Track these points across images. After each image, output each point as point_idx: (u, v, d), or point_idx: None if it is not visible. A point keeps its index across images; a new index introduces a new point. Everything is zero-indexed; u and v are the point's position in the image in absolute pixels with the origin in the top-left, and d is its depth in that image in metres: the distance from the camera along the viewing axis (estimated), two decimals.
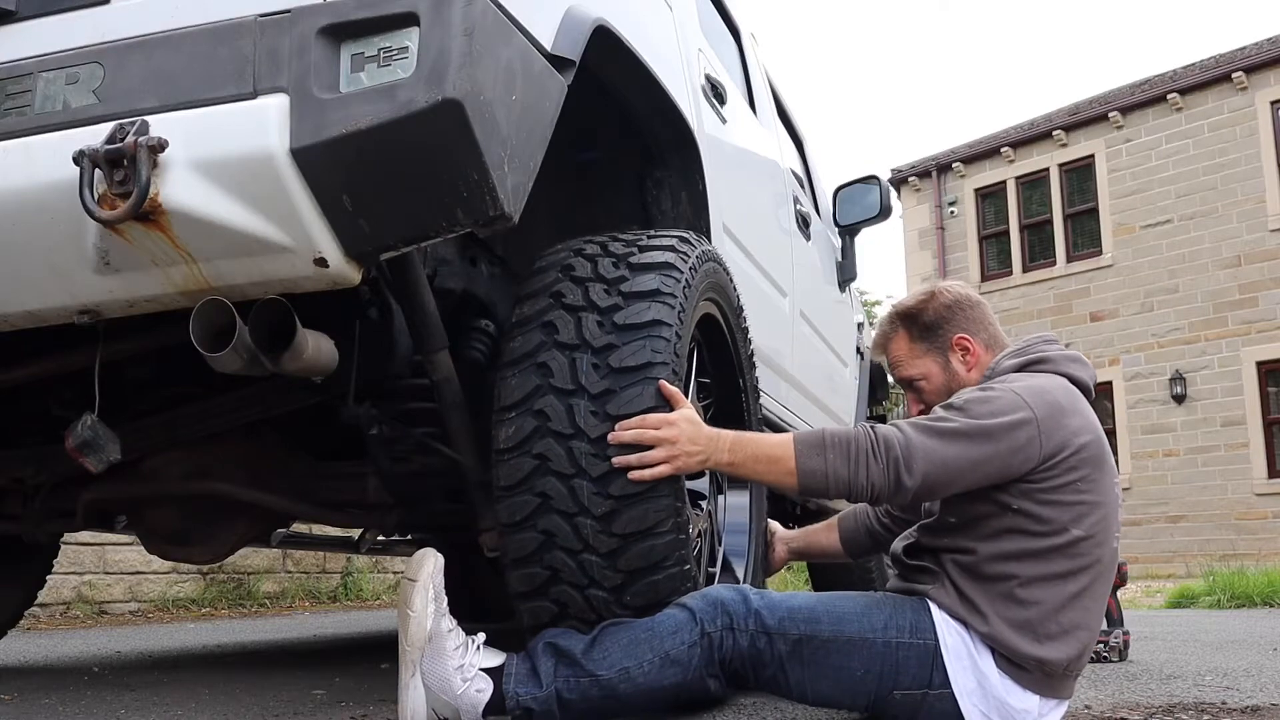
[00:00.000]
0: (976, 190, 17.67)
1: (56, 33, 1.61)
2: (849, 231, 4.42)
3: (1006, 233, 17.25)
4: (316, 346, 1.72)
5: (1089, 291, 16.11)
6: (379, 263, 1.65)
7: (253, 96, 1.47)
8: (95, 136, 1.47)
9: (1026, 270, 16.93)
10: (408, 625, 1.67)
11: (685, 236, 1.99)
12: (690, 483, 1.94)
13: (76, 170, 1.45)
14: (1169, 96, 15.43)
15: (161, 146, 1.44)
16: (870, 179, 4.38)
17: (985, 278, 17.20)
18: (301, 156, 1.44)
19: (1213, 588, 8.75)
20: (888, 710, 1.78)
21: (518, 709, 1.68)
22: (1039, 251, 16.95)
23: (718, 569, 2.21)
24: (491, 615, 3.04)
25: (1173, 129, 15.49)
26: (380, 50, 1.47)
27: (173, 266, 1.54)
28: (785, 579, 11.05)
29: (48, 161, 1.50)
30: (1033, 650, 1.75)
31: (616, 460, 1.67)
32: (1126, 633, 3.57)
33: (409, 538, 3.30)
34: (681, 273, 1.86)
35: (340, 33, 1.48)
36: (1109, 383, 15.54)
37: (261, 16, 1.51)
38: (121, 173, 1.44)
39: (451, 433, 1.99)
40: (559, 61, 1.70)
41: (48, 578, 3.19)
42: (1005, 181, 17.27)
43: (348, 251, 1.51)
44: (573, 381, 1.71)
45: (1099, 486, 1.81)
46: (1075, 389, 1.88)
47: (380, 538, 3.03)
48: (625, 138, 2.36)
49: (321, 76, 1.46)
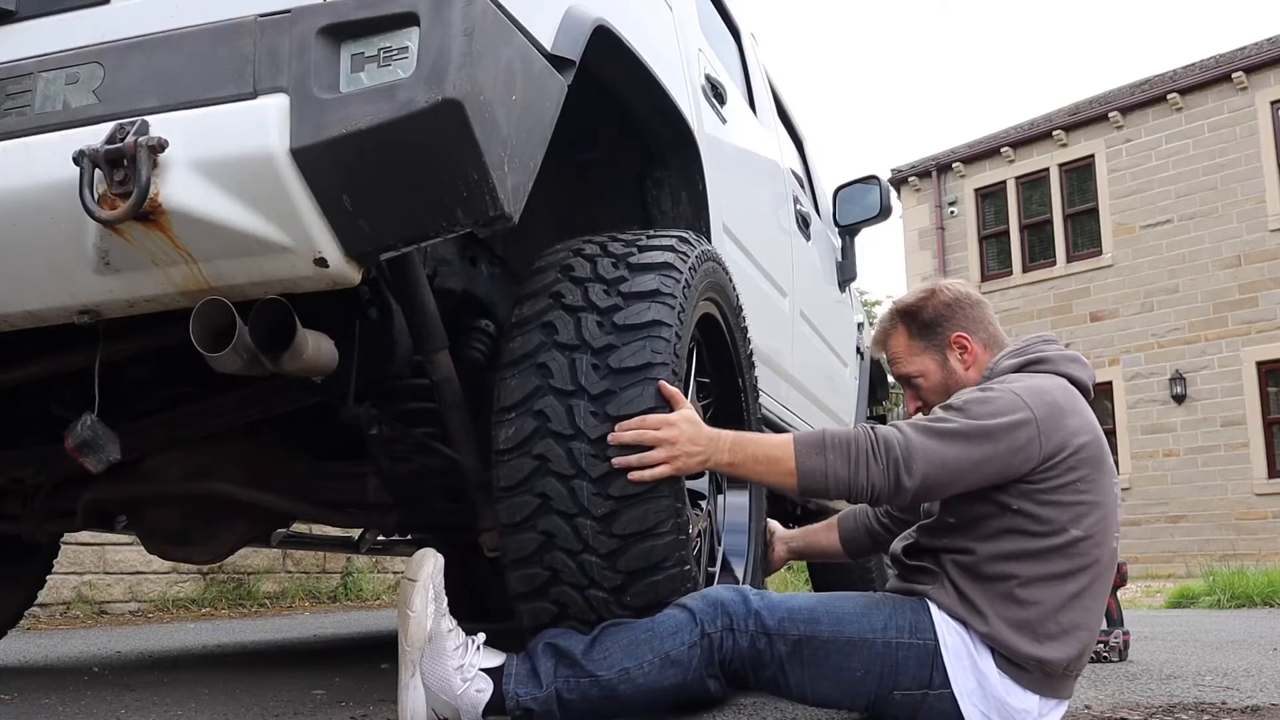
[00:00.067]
0: (976, 190, 17.67)
1: (56, 33, 1.61)
2: (849, 231, 4.42)
3: (1006, 233, 17.25)
4: (316, 346, 1.72)
5: (1089, 291, 16.11)
6: (379, 263, 1.65)
7: (253, 96, 1.47)
8: (95, 136, 1.47)
9: (1026, 270, 16.93)
10: (407, 625, 1.67)
11: (685, 236, 1.99)
12: (690, 483, 1.94)
13: (76, 170, 1.45)
14: (1169, 96, 15.43)
15: (161, 146, 1.44)
16: (870, 179, 4.38)
17: (985, 278, 17.19)
18: (301, 156, 1.44)
19: (1213, 588, 8.75)
20: (888, 710, 1.78)
21: (518, 709, 1.68)
22: (1039, 251, 16.95)
23: (717, 569, 2.21)
24: (491, 615, 3.03)
25: (1173, 129, 15.49)
26: (380, 50, 1.47)
27: (173, 266, 1.54)
28: (785, 579, 11.05)
29: (48, 161, 1.50)
30: (1032, 650, 1.75)
31: (616, 461, 1.67)
32: (1126, 633, 3.57)
33: (409, 538, 3.30)
34: (681, 273, 1.86)
35: (340, 33, 1.48)
36: (1109, 383, 15.54)
37: (261, 16, 1.51)
38: (121, 173, 1.44)
39: (451, 433, 1.99)
40: (559, 61, 1.70)
41: (48, 578, 3.19)
42: (1005, 181, 17.26)
43: (348, 251, 1.51)
44: (572, 382, 1.71)
45: (1098, 486, 1.81)
46: (1074, 389, 1.88)
47: (380, 538, 3.03)
48: (625, 138, 2.36)
49: (321, 76, 1.46)
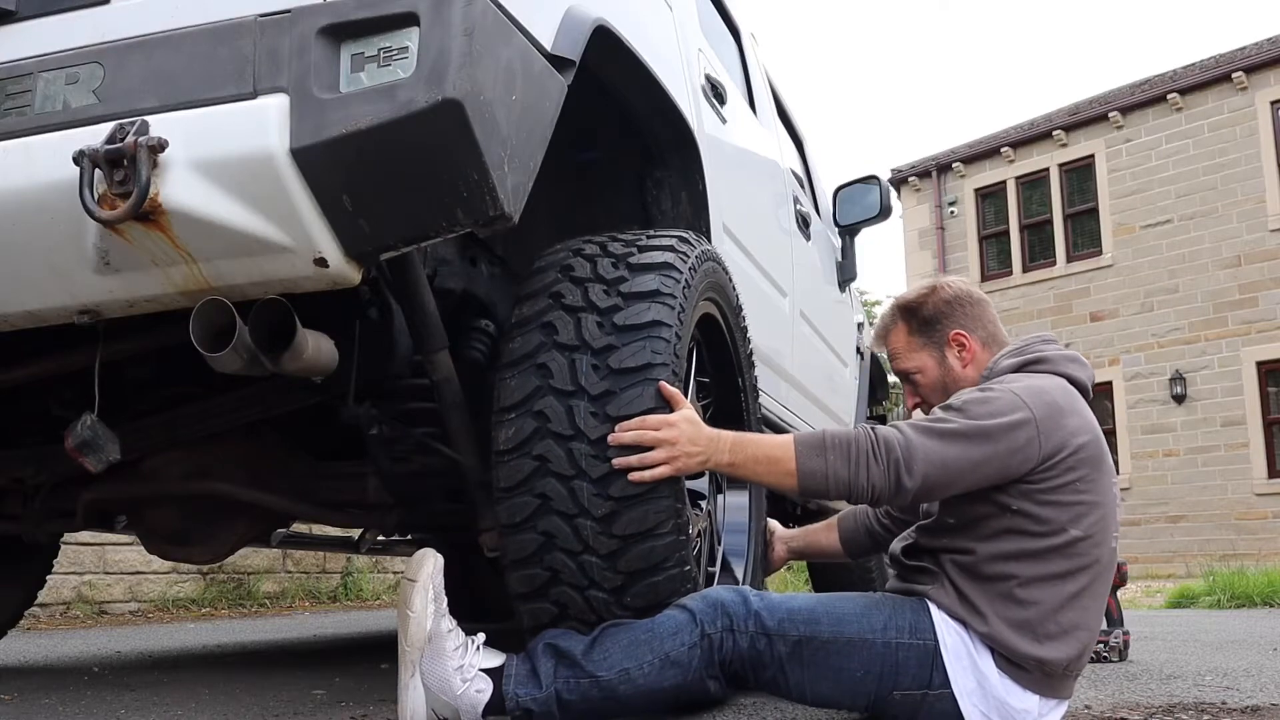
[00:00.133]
0: (976, 190, 17.67)
1: (56, 33, 1.61)
2: (849, 231, 4.42)
3: (1006, 233, 17.25)
4: (316, 346, 1.71)
5: (1089, 291, 16.11)
6: (379, 263, 1.64)
7: (253, 96, 1.47)
8: (95, 136, 1.47)
9: (1026, 270, 16.92)
10: (407, 626, 1.67)
11: (685, 236, 1.99)
12: (690, 483, 1.94)
13: (76, 170, 1.45)
14: (1169, 96, 15.43)
15: (161, 146, 1.44)
16: (870, 179, 4.38)
17: (985, 278, 17.19)
18: (301, 156, 1.44)
19: (1213, 588, 8.75)
20: (888, 710, 1.78)
21: (517, 709, 1.68)
22: (1039, 251, 16.95)
23: (717, 568, 2.21)
24: (491, 615, 3.03)
25: (1173, 129, 15.49)
26: (380, 50, 1.47)
27: (173, 266, 1.54)
28: (785, 579, 11.05)
29: (48, 161, 1.50)
30: (1032, 650, 1.75)
31: (616, 461, 1.67)
32: (1126, 633, 3.56)
33: (409, 538, 3.30)
34: (681, 273, 1.86)
35: (340, 33, 1.48)
36: (1109, 383, 15.54)
37: (261, 16, 1.51)
38: (121, 173, 1.44)
39: (451, 433, 1.99)
40: (559, 61, 1.70)
41: (48, 578, 3.19)
42: (1005, 181, 17.26)
43: (348, 251, 1.51)
44: (572, 383, 1.71)
45: (1097, 486, 1.81)
46: (1073, 389, 1.88)
47: (380, 538, 3.03)
48: (625, 138, 2.36)
49: (321, 76, 1.46)
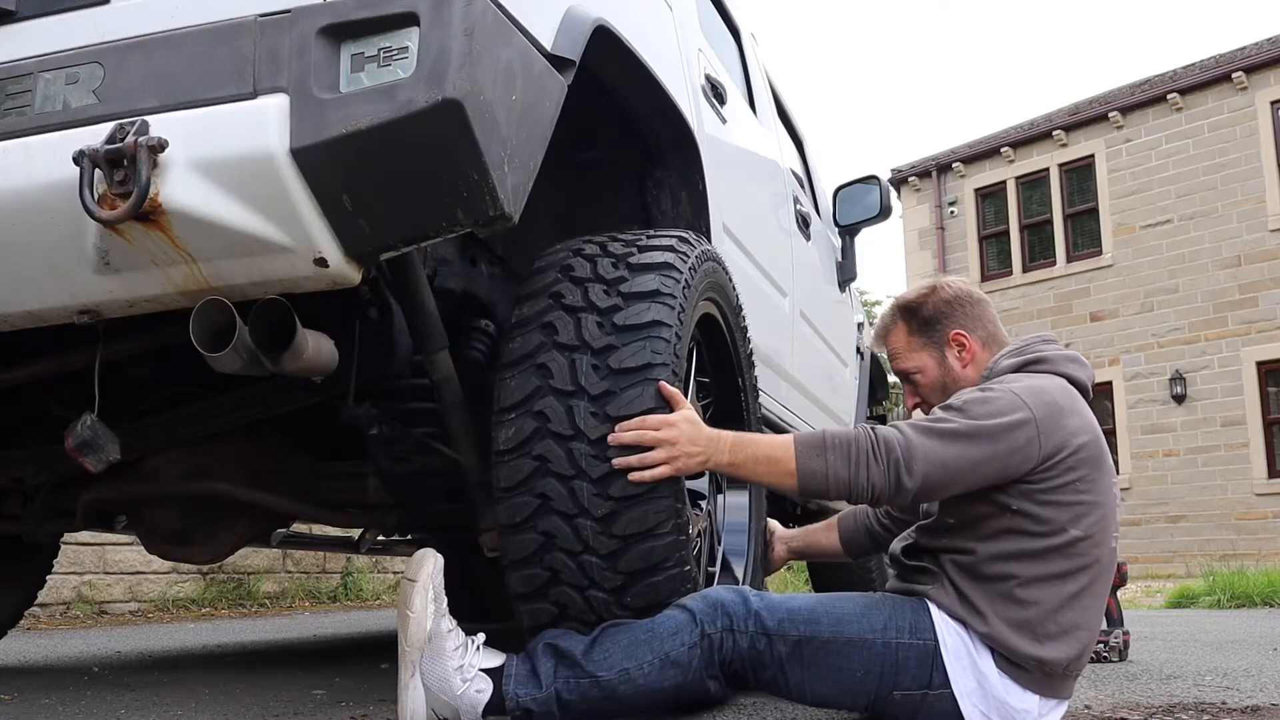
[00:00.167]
0: (976, 190, 17.67)
1: (56, 33, 1.61)
2: (849, 231, 4.42)
3: (1006, 233, 17.25)
4: (316, 346, 1.71)
5: (1089, 291, 16.11)
6: (379, 263, 1.64)
7: (253, 96, 1.47)
8: (95, 136, 1.47)
9: (1026, 270, 16.92)
10: (407, 626, 1.67)
11: (685, 236, 1.99)
12: (690, 483, 1.94)
13: (76, 170, 1.45)
14: (1169, 96, 15.43)
15: (161, 146, 1.44)
16: (870, 179, 4.38)
17: (985, 278, 17.19)
18: (301, 156, 1.44)
19: (1213, 588, 8.74)
20: (888, 710, 1.78)
21: (517, 710, 1.68)
22: (1039, 251, 16.94)
23: (717, 568, 2.21)
24: (491, 615, 3.03)
25: (1173, 129, 15.49)
26: (380, 50, 1.47)
27: (173, 266, 1.54)
28: (785, 579, 11.05)
29: (48, 161, 1.50)
30: (1032, 650, 1.75)
31: (617, 461, 1.67)
32: (1126, 633, 3.56)
33: (409, 538, 3.30)
34: (681, 273, 1.86)
35: (340, 33, 1.48)
36: (1109, 383, 15.54)
37: (261, 16, 1.51)
38: (121, 173, 1.44)
39: (451, 433, 1.99)
40: (559, 61, 1.70)
41: (48, 578, 3.19)
42: (1005, 181, 17.26)
43: (348, 251, 1.51)
44: (572, 383, 1.71)
45: (1097, 486, 1.81)
46: (1073, 389, 1.88)
47: (380, 538, 3.03)
48: (625, 138, 2.36)
49: (321, 76, 1.46)
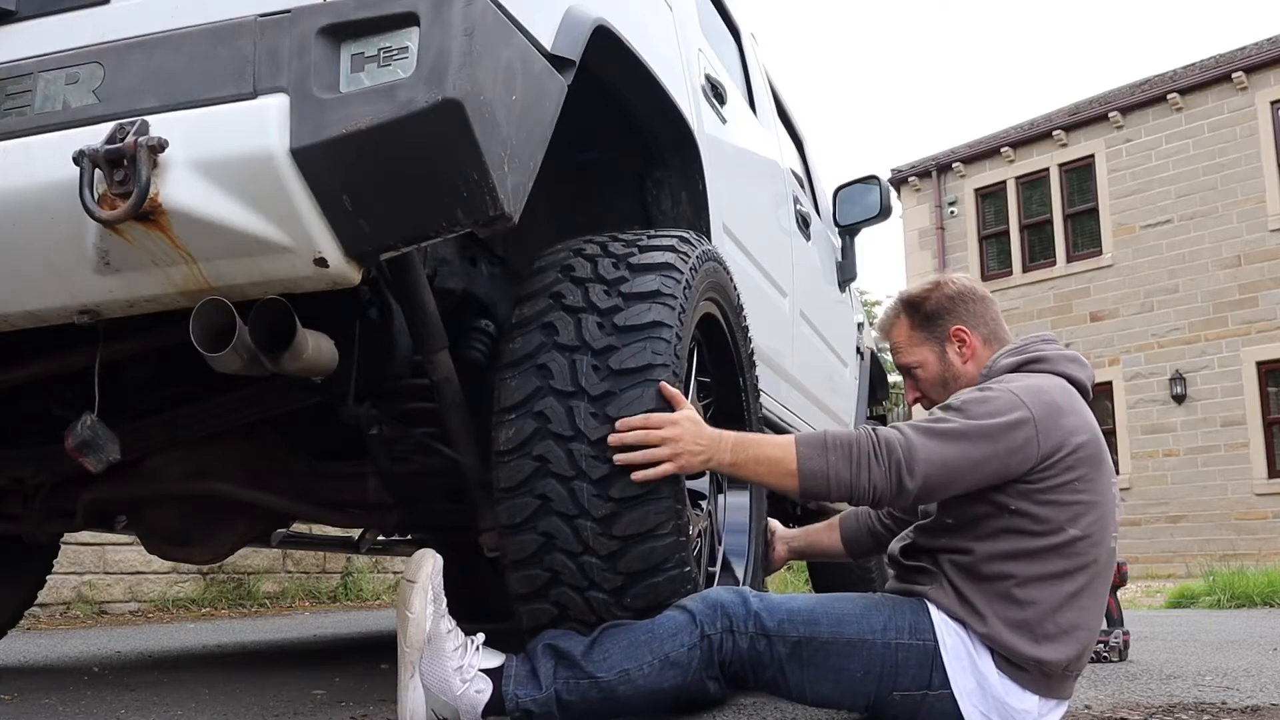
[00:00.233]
0: (976, 190, 17.67)
1: (56, 33, 1.61)
2: (849, 231, 4.42)
3: (1006, 233, 17.25)
4: (316, 346, 1.71)
5: (1089, 291, 16.11)
6: (379, 263, 1.64)
7: (253, 96, 1.47)
8: (95, 136, 1.47)
9: (1026, 270, 16.92)
10: (406, 626, 1.67)
11: (685, 236, 1.99)
12: (690, 483, 1.94)
13: (76, 170, 1.45)
14: (1169, 96, 15.43)
15: (161, 146, 1.44)
16: (870, 179, 4.38)
17: (985, 278, 17.15)
18: (301, 156, 1.44)
19: (1213, 588, 8.74)
20: (887, 711, 1.78)
21: (517, 710, 1.68)
22: (1039, 251, 16.94)
23: (717, 568, 2.21)
24: (491, 615, 3.03)
25: (1173, 129, 15.49)
26: (380, 50, 1.47)
27: (173, 266, 1.54)
28: (785, 579, 11.05)
29: (48, 161, 1.50)
30: (1031, 650, 1.75)
31: (619, 459, 1.67)
32: (1126, 633, 3.56)
33: (409, 538, 3.30)
34: (682, 273, 1.86)
35: (340, 33, 1.48)
36: (1109, 383, 15.53)
37: (261, 16, 1.51)
38: (121, 173, 1.44)
39: (451, 433, 1.98)
40: (559, 61, 1.70)
41: (48, 578, 3.19)
42: (1005, 181, 17.26)
43: (348, 251, 1.51)
44: (573, 383, 1.71)
45: (1096, 486, 1.81)
46: (1073, 389, 1.88)
47: (380, 538, 3.03)
48: (625, 138, 2.36)
49: (321, 76, 1.46)
